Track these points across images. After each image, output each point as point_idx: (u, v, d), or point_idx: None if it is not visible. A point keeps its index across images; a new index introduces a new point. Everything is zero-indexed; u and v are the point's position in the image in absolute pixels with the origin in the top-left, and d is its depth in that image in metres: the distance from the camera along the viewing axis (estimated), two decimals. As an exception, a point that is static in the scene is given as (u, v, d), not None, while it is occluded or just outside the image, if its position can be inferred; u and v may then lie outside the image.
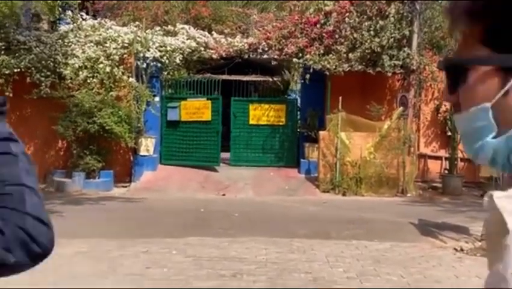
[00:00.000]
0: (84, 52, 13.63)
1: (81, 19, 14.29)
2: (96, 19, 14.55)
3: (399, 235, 9.00)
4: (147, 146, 14.01)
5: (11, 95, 13.05)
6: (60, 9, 14.20)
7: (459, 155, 13.99)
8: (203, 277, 6.51)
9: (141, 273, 6.73)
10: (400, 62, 13.65)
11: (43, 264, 4.34)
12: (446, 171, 14.10)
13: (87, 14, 14.94)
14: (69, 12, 14.48)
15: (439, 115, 14.86)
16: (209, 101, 14.48)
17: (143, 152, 13.99)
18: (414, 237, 8.99)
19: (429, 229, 9.37)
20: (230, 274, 6.61)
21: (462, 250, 8.02)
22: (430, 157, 14.98)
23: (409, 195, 12.74)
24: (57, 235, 4.59)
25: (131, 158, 14.11)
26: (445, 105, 14.65)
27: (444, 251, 8.10)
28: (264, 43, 14.31)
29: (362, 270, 6.93)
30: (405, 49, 13.71)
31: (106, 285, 6.10)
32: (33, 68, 13.30)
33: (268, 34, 14.39)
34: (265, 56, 14.58)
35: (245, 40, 14.57)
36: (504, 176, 9.32)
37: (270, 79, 17.99)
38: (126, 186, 13.65)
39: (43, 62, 13.37)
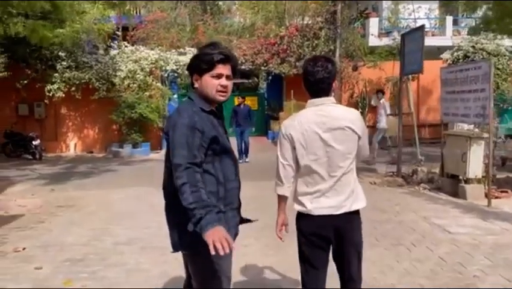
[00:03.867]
0: (126, 67, 13.91)
1: (124, 46, 14.65)
2: (133, 46, 14.83)
3: None
4: (170, 126, 14.79)
5: (80, 97, 13.67)
6: (110, 40, 14.83)
7: (366, 123, 15.59)
8: None
9: None
10: None
11: (101, 204, 6.88)
12: None
13: (128, 42, 15.27)
14: (116, 42, 15.16)
15: (352, 98, 15.65)
16: None
17: (167, 130, 14.81)
18: None
19: None
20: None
21: (375, 183, 8.39)
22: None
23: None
24: (114, 186, 6.52)
25: (160, 134, 14.19)
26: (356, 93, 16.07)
27: (362, 184, 8.50)
28: (242, 58, 14.81)
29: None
30: (332, 57, 15.08)
31: (149, 217, 5.78)
32: (94, 79, 13.54)
33: (244, 52, 15.05)
34: (243, 66, 14.87)
35: None
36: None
37: (247, 81, 18.66)
38: (158, 152, 13.87)
39: (100, 74, 13.64)
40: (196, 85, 2.18)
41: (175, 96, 14.93)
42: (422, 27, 8.10)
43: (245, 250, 4.58)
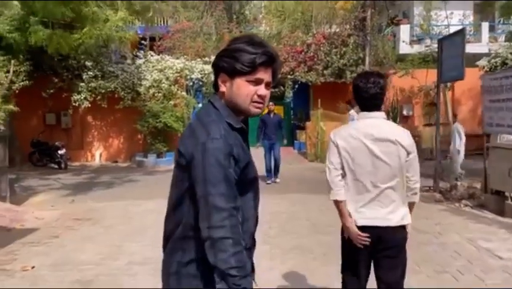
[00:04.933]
0: (151, 76, 13.79)
1: (149, 55, 14.53)
2: (159, 55, 14.76)
3: None
4: (195, 135, 14.60)
5: (106, 106, 13.57)
6: (137, 49, 14.84)
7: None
8: None
9: None
10: None
11: (119, 218, 6.26)
12: None
13: (154, 52, 15.23)
14: (142, 52, 14.99)
15: (383, 108, 15.25)
16: None
17: (192, 139, 14.61)
18: None
19: None
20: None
21: None
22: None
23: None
24: (134, 197, 6.01)
25: None
26: (385, 102, 15.46)
27: None
28: None
29: (316, 217, 6.38)
30: (361, 66, 14.00)
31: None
32: (119, 88, 13.48)
33: None
34: None
35: None
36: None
37: (273, 90, 18.77)
38: None
39: (125, 84, 13.57)
40: (223, 88, 1.62)
41: (200, 104, 14.69)
42: (463, 30, 7.50)
43: (269, 275, 4.09)
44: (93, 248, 5.16)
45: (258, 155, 8.84)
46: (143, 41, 15.92)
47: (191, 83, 14.49)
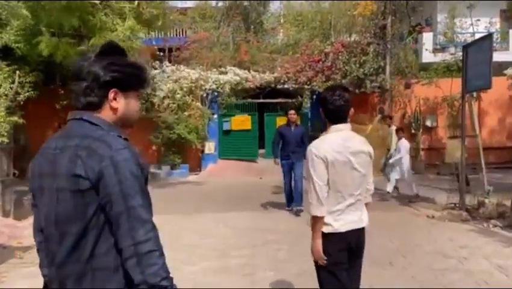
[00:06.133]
0: (166, 86, 13.73)
1: (165, 66, 14.46)
2: (175, 66, 14.64)
3: (381, 205, 8.03)
4: (210, 147, 14.14)
5: None
6: (152, 60, 14.65)
7: (421, 145, 14.25)
8: (240, 246, 5.58)
9: (197, 243, 5.79)
10: (378, 84, 13.60)
11: None
12: (412, 157, 13.87)
13: (170, 62, 15.16)
14: (158, 62, 14.85)
15: (405, 119, 14.57)
16: (250, 116, 14.67)
17: (207, 151, 14.13)
18: (394, 207, 8.24)
19: (404, 200, 8.72)
20: (261, 243, 5.70)
21: (433, 217, 7.23)
22: (400, 148, 14.64)
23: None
24: None
25: (199, 155, 14.14)
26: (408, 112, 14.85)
27: (419, 218, 7.19)
28: (285, 76, 14.30)
29: None
30: (381, 75, 13.65)
31: (168, 253, 5.34)
32: None
33: (287, 70, 14.36)
34: (286, 85, 14.38)
35: (272, 75, 14.59)
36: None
37: (290, 100, 17.61)
38: (197, 174, 13.57)
39: (140, 94, 13.86)
40: (114, 103, 1.54)
41: (215, 115, 14.51)
42: (490, 36, 6.91)
43: None
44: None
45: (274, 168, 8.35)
46: (159, 53, 15.81)
47: (205, 94, 14.29)
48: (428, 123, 14.54)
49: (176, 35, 20.70)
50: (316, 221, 2.52)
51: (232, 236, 6.24)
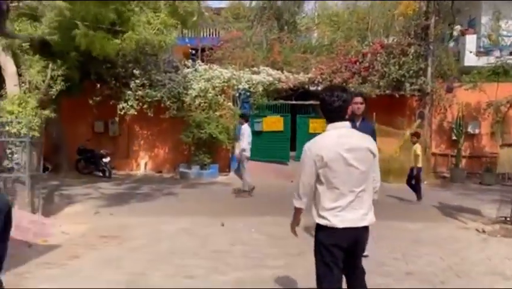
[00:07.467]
0: (198, 85, 13.49)
1: (198, 65, 14.28)
2: (207, 65, 14.45)
3: (425, 216, 7.73)
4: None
5: (152, 115, 13.18)
6: (185, 59, 14.52)
7: (462, 153, 13.45)
8: (275, 256, 5.12)
9: (227, 249, 5.40)
10: (418, 87, 12.99)
11: (147, 237, 5.55)
12: (453, 165, 13.16)
13: (203, 62, 15.00)
14: (191, 61, 14.69)
15: (445, 124, 13.93)
16: (282, 117, 14.34)
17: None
18: (438, 218, 7.69)
19: (448, 211, 8.16)
20: (296, 252, 5.12)
21: (484, 231, 6.58)
22: (440, 155, 13.98)
23: (425, 182, 11.65)
24: (169, 213, 6.92)
25: (229, 156, 13.84)
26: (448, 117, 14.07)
27: (468, 232, 6.59)
28: (319, 77, 13.88)
29: (405, 251, 5.36)
30: (422, 77, 13.04)
31: (196, 261, 4.82)
32: (165, 97, 13.14)
33: (322, 71, 13.93)
34: (319, 87, 13.76)
35: (306, 76, 14.21)
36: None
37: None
38: (226, 175, 13.30)
39: (172, 93, 13.24)
40: None
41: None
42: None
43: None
44: (111, 276, 4.46)
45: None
46: (192, 51, 15.61)
47: (238, 94, 13.98)
48: (470, 130, 13.71)
49: (210, 35, 20.55)
50: (296, 211, 2.83)
51: (265, 243, 5.82)
